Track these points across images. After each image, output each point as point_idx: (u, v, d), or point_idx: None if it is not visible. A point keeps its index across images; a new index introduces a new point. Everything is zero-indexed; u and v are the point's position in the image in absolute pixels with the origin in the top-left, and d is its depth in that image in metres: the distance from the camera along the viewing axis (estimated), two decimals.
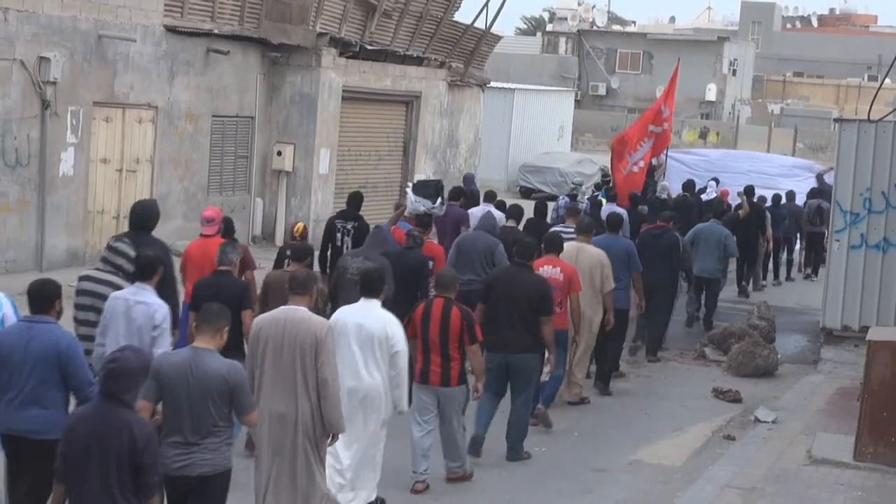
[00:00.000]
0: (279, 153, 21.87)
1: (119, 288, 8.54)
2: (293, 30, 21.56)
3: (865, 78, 67.18)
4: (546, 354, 10.85)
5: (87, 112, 17.89)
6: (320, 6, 21.88)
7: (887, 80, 14.97)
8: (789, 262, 22.74)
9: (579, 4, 68.96)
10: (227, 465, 7.13)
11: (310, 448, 7.91)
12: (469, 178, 20.68)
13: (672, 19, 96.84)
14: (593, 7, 69.15)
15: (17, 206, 17.04)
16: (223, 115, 20.95)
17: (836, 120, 17.37)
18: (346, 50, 22.76)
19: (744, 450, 11.39)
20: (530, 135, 37.67)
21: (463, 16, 27.19)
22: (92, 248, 18.35)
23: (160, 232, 10.74)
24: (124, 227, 18.78)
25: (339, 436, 8.17)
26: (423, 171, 25.33)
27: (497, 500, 9.81)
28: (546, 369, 11.02)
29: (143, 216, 10.01)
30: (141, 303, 8.22)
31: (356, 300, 9.19)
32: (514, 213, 14.81)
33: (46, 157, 17.24)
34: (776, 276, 22.10)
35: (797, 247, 22.87)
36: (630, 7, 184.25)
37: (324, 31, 22.01)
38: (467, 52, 26.90)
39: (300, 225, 12.77)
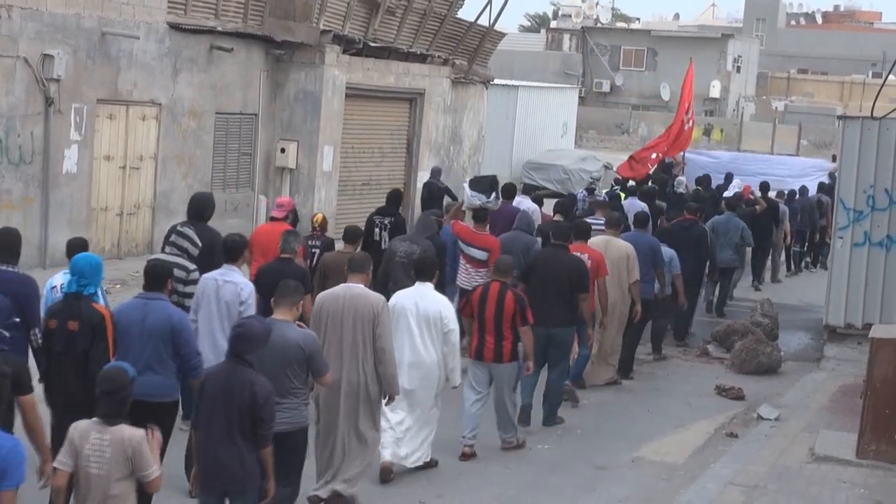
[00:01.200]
0: (283, 150, 21.88)
1: (186, 269, 9.63)
2: (297, 27, 21.57)
3: (870, 75, 67.10)
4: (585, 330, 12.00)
5: (90, 109, 17.91)
6: (324, 3, 21.89)
7: (891, 77, 14.92)
8: (801, 255, 23.39)
9: (583, 1, 68.86)
10: (304, 423, 8.16)
11: (365, 410, 8.91)
12: (436, 172, 20.23)
13: (676, 16, 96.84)
14: (597, 4, 69.02)
15: (21, 203, 17.06)
16: (227, 113, 20.96)
17: (839, 117, 17.36)
18: (350, 47, 22.77)
19: (746, 447, 11.40)
20: (534, 132, 37.64)
21: (466, 13, 27.21)
22: (96, 245, 18.36)
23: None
24: (128, 224, 18.96)
25: (400, 401, 9.40)
26: (427, 168, 25.34)
27: (500, 496, 9.83)
28: (576, 347, 12.18)
29: (200, 206, 11.04)
30: (229, 282, 9.33)
31: (405, 281, 10.10)
32: (560, 208, 15.77)
33: (50, 154, 17.26)
34: (788, 268, 22.78)
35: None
36: (634, 4, 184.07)
37: (327, 28, 22.01)
38: (471, 50, 26.90)
39: (319, 215, 13.31)
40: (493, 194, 15.62)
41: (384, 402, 9.08)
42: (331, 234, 13.35)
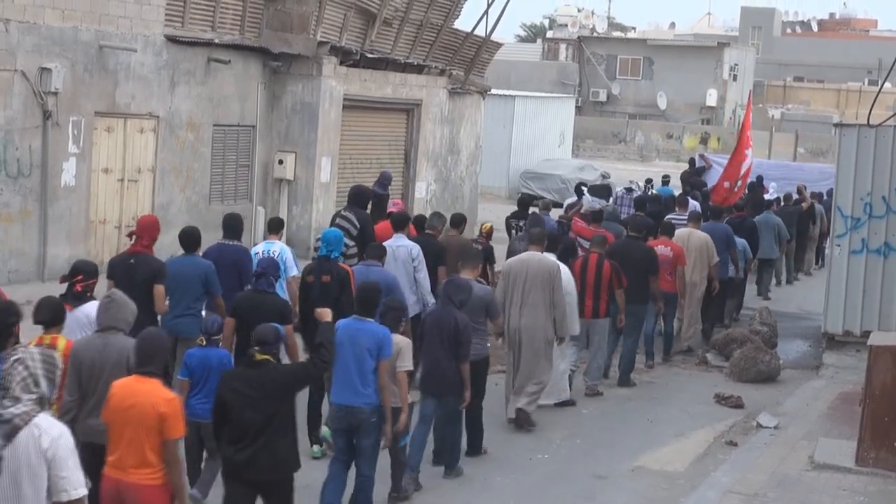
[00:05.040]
0: (280, 162, 21.89)
1: (347, 246, 11.93)
2: (294, 39, 21.59)
3: (866, 82, 67.18)
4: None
5: (88, 122, 17.92)
6: (321, 15, 21.92)
7: (887, 85, 14.97)
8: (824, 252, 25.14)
9: (579, 11, 68.98)
10: (485, 353, 10.91)
11: (545, 347, 11.63)
12: (385, 176, 19.26)
13: (672, 25, 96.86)
14: (593, 13, 69.08)
15: (19, 216, 17.06)
16: (224, 125, 20.97)
17: (835, 125, 17.42)
18: (347, 58, 22.79)
19: (746, 455, 11.41)
20: (531, 141, 37.65)
21: (463, 23, 27.14)
22: (94, 257, 18.36)
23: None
24: (126, 237, 18.89)
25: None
26: (425, 178, 25.36)
27: None
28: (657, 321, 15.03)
29: (357, 196, 13.95)
30: (401, 246, 12.46)
31: None
32: (640, 204, 18.49)
33: (48, 167, 17.27)
34: (816, 261, 25.12)
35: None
36: (630, 13, 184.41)
37: (324, 39, 22.04)
38: (468, 60, 26.93)
39: (488, 224, 15.81)
40: (611, 199, 19.02)
41: (558, 342, 11.86)
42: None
